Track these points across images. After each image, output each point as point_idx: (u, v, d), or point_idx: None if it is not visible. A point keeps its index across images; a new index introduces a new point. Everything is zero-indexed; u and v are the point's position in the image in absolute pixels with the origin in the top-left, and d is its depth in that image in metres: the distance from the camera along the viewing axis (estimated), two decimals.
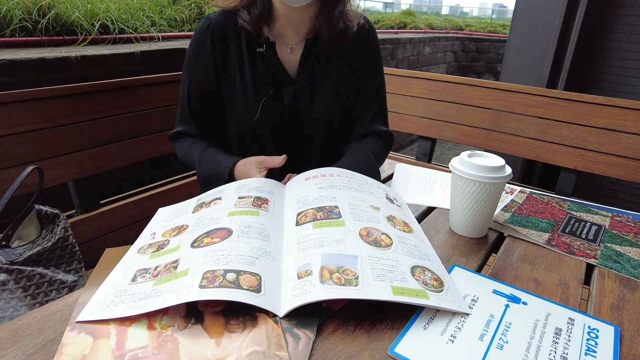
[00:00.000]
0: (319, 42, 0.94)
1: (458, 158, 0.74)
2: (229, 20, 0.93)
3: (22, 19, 1.74)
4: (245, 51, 0.93)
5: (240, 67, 0.94)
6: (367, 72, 1.00)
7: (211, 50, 0.93)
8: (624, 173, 1.43)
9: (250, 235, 0.58)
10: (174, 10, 2.39)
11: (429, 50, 4.44)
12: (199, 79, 0.96)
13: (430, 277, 0.56)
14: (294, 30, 0.94)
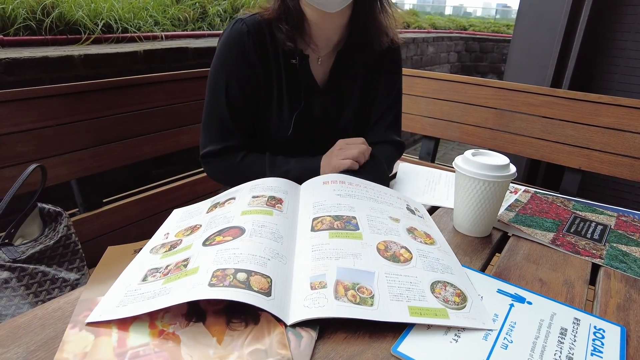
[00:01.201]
0: (349, 54, 0.94)
1: (462, 157, 0.73)
2: (264, 26, 0.88)
3: (26, 18, 1.74)
4: (282, 60, 0.89)
5: (277, 76, 0.90)
6: (387, 80, 1.00)
7: (254, 53, 0.87)
8: (630, 173, 1.42)
9: (263, 235, 0.57)
10: (177, 9, 2.39)
11: (432, 50, 4.43)
12: (243, 82, 0.88)
13: (452, 293, 0.54)
14: (325, 40, 0.92)
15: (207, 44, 1.95)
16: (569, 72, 1.98)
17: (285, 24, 0.87)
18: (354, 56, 0.95)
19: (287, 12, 0.87)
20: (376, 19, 0.93)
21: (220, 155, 0.93)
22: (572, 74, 1.98)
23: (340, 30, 0.93)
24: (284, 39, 0.87)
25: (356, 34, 0.94)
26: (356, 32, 0.94)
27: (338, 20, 0.90)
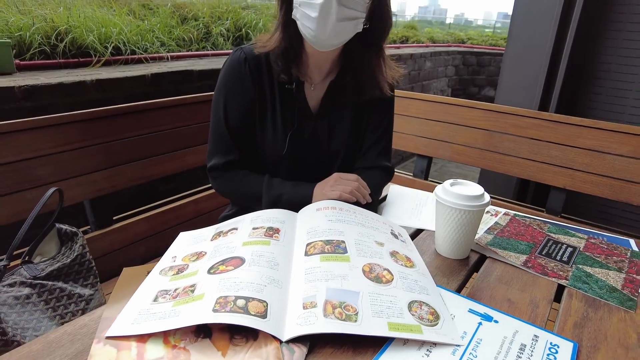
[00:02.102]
0: (340, 85, 1.03)
1: (442, 186, 0.81)
2: (261, 54, 0.99)
3: (41, 43, 1.85)
4: (276, 85, 1.00)
5: (272, 100, 1.01)
6: (379, 109, 1.09)
7: (250, 80, 0.99)
8: (610, 192, 1.49)
9: (260, 264, 0.66)
10: (182, 30, 2.50)
11: (430, 64, 4.54)
12: (239, 104, 1.00)
13: (427, 312, 0.62)
14: (318, 70, 1.02)
15: (211, 66, 2.05)
16: (556, 93, 2.07)
17: (282, 58, 0.97)
18: (345, 87, 1.04)
19: (287, 42, 0.96)
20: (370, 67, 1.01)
21: (225, 171, 1.04)
22: (559, 95, 2.07)
23: (332, 62, 1.03)
24: (279, 72, 0.98)
25: (347, 70, 1.03)
26: (347, 68, 1.03)
27: (330, 54, 1.00)
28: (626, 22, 2.04)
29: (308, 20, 0.87)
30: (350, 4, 0.86)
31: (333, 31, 0.87)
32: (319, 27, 0.87)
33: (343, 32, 0.90)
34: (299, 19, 0.90)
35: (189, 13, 2.70)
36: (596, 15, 2.11)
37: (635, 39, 2.03)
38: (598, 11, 2.10)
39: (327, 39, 0.89)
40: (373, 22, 0.95)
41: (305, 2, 0.86)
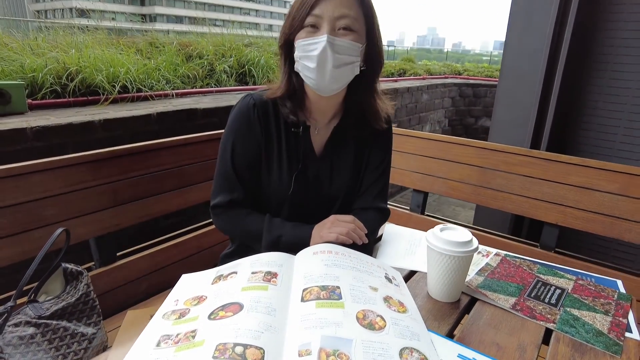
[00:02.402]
0: (343, 129, 1.10)
1: (432, 232, 0.86)
2: (269, 100, 1.07)
3: (53, 83, 1.93)
4: (282, 129, 1.06)
5: (278, 143, 1.07)
6: (378, 151, 1.15)
7: (258, 124, 1.05)
8: (601, 229, 1.53)
9: (258, 310, 0.69)
10: (187, 68, 2.60)
11: (426, 97, 4.66)
12: (246, 147, 1.05)
13: (417, 358, 0.65)
14: (322, 114, 1.09)
15: (215, 104, 2.13)
16: (547, 131, 2.14)
17: (289, 101, 1.05)
18: (347, 132, 1.11)
19: (292, 91, 1.05)
20: (369, 103, 1.09)
21: (227, 209, 1.08)
22: (550, 133, 2.14)
23: (335, 107, 1.10)
24: (287, 113, 1.05)
25: (350, 112, 1.11)
26: (350, 110, 1.11)
27: (333, 100, 1.07)
28: (611, 62, 2.13)
29: (308, 71, 0.96)
30: (344, 51, 0.94)
31: (332, 78, 0.95)
32: (319, 76, 0.95)
33: (341, 77, 0.98)
34: (300, 70, 0.99)
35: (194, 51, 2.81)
36: (583, 54, 2.20)
37: (619, 78, 2.12)
38: (585, 51, 2.20)
39: (327, 85, 0.97)
40: (368, 64, 1.03)
41: (304, 55, 0.95)
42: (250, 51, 3.04)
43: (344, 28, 0.94)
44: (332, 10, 0.92)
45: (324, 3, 0.92)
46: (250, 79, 2.95)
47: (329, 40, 0.92)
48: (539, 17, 2.22)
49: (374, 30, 1.01)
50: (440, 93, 5.03)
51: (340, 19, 0.93)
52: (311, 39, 0.93)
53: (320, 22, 0.93)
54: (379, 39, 1.03)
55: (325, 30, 0.92)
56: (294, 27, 0.96)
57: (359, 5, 0.96)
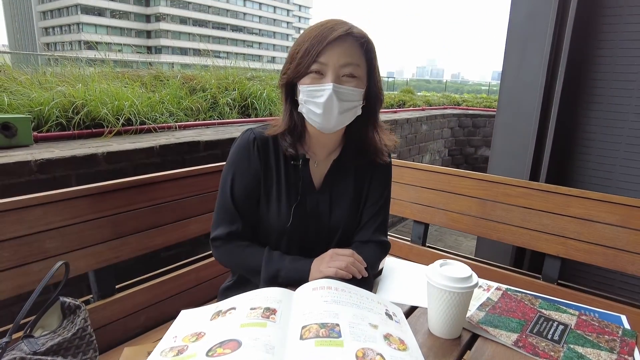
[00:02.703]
0: (342, 163, 1.12)
1: (431, 267, 0.86)
2: (269, 135, 1.09)
3: (58, 116, 1.97)
4: (282, 162, 1.09)
5: (277, 176, 1.09)
6: (377, 185, 1.16)
7: (257, 157, 1.07)
8: (604, 261, 1.52)
9: (257, 347, 0.68)
10: (190, 101, 2.66)
11: (426, 127, 4.73)
12: (246, 179, 1.08)
13: None
14: (321, 148, 1.12)
15: (217, 136, 2.17)
16: (546, 162, 2.16)
17: (289, 136, 1.08)
18: (346, 165, 1.13)
19: (294, 126, 1.08)
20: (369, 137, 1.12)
21: (226, 242, 1.09)
22: (549, 164, 2.15)
23: (335, 142, 1.13)
24: (287, 146, 1.08)
25: (350, 146, 1.13)
26: (350, 144, 1.13)
27: (333, 135, 1.09)
28: (606, 95, 2.17)
29: (314, 115, 1.00)
30: (348, 97, 0.98)
31: (337, 121, 1.00)
32: (324, 121, 0.99)
33: (345, 120, 1.03)
34: (305, 113, 1.02)
35: (198, 85, 2.88)
36: (578, 87, 2.25)
37: (615, 111, 2.16)
38: (579, 84, 2.25)
39: (332, 128, 1.02)
40: (368, 101, 1.07)
41: (310, 100, 0.99)
42: (252, 84, 3.11)
43: (347, 75, 0.98)
44: (337, 59, 0.96)
45: (330, 52, 0.96)
46: (253, 112, 3.01)
47: (335, 88, 0.95)
48: (534, 51, 2.28)
49: (374, 72, 1.05)
50: (439, 123, 5.10)
51: (344, 67, 0.97)
52: (317, 86, 0.97)
53: (325, 69, 0.97)
54: (378, 79, 1.07)
55: (330, 79, 0.96)
56: (299, 72, 0.99)
57: (362, 52, 1.00)
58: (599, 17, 2.20)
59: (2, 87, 2.16)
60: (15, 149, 1.74)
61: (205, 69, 3.52)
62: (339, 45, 0.96)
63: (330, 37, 0.95)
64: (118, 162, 1.74)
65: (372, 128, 1.12)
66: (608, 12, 2.17)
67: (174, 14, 66.50)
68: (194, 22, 69.20)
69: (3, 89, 2.12)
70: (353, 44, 0.98)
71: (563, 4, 2.18)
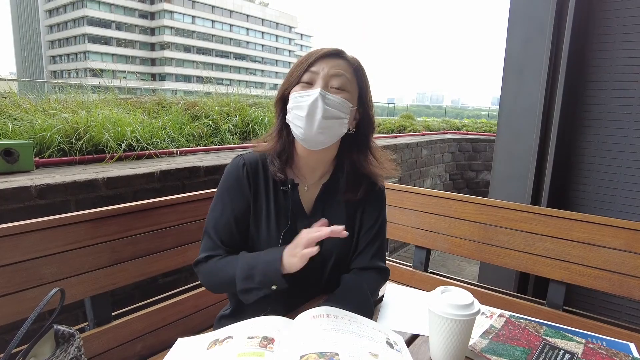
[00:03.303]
0: (333, 187, 1.11)
1: (433, 294, 0.84)
2: (259, 159, 1.10)
3: (61, 142, 1.99)
4: (271, 187, 1.09)
5: (266, 201, 1.08)
6: (371, 211, 1.14)
7: (247, 184, 1.07)
8: (609, 286, 1.49)
9: None
10: (192, 127, 2.68)
11: (426, 152, 4.75)
12: (234, 205, 1.07)
13: None
14: (311, 172, 1.11)
15: (217, 162, 2.17)
16: (546, 186, 2.15)
17: (277, 159, 1.07)
18: (337, 189, 1.12)
19: (282, 147, 1.08)
20: (362, 165, 1.11)
21: (204, 262, 1.08)
22: (550, 188, 2.15)
23: (325, 165, 1.12)
24: (275, 170, 1.07)
25: (341, 170, 1.12)
26: (341, 168, 1.12)
27: (322, 156, 1.09)
28: (604, 119, 2.19)
29: (298, 120, 0.99)
30: (334, 105, 0.99)
31: (319, 127, 0.98)
32: (307, 124, 0.98)
33: (329, 129, 1.00)
34: (291, 120, 1.02)
35: (200, 111, 2.92)
36: (576, 112, 2.27)
37: (613, 135, 2.17)
38: (577, 108, 2.27)
39: (314, 136, 0.99)
40: (361, 127, 1.08)
41: (296, 105, 0.99)
42: (254, 110, 3.16)
43: (336, 87, 0.99)
44: (328, 69, 0.99)
45: (321, 62, 0.99)
46: (254, 137, 3.03)
47: (322, 92, 0.97)
48: (531, 78, 2.31)
49: (366, 96, 1.06)
50: (439, 148, 5.13)
51: (333, 78, 0.99)
52: (305, 92, 0.99)
53: (316, 78, 0.99)
54: (370, 106, 1.08)
55: (319, 86, 0.98)
56: (290, 83, 1.02)
57: (353, 71, 1.03)
58: (593, 44, 2.24)
59: (7, 113, 2.19)
60: (16, 174, 1.75)
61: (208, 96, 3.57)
62: (330, 59, 1.01)
63: (323, 51, 1.01)
64: (118, 188, 1.74)
65: (364, 154, 1.11)
66: (601, 39, 2.22)
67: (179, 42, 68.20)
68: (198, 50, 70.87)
69: (7, 115, 2.15)
70: (344, 61, 1.02)
71: (557, 32, 2.22)
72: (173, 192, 1.90)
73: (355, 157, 1.11)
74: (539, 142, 2.19)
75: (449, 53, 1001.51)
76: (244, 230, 1.09)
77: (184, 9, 67.37)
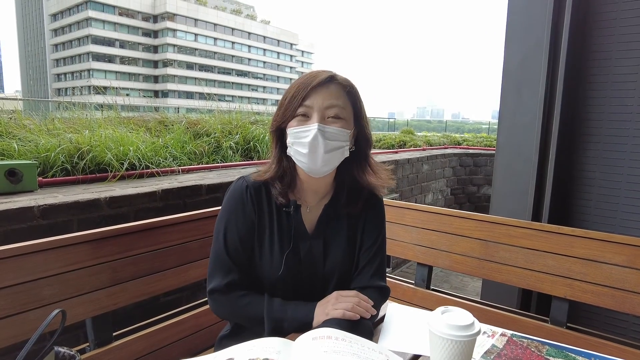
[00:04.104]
0: (334, 207, 1.13)
1: (433, 315, 0.84)
2: (261, 182, 1.11)
3: (64, 161, 2.01)
4: (274, 209, 1.10)
5: (270, 222, 1.09)
6: (371, 227, 1.16)
7: (251, 206, 1.08)
8: (613, 303, 1.48)
9: None
10: (194, 145, 2.71)
11: (427, 167, 4.77)
12: (239, 228, 1.08)
13: None
14: (313, 193, 1.13)
15: (219, 180, 2.19)
16: (547, 202, 2.15)
17: (279, 183, 1.09)
18: (338, 209, 1.14)
19: (283, 173, 1.09)
20: (360, 179, 1.13)
21: (224, 293, 1.07)
22: (550, 203, 2.15)
23: (326, 187, 1.14)
24: (277, 194, 1.09)
25: (341, 189, 1.14)
26: (341, 188, 1.14)
27: (324, 179, 1.11)
28: (603, 134, 2.20)
29: (300, 156, 1.02)
30: (334, 137, 1.01)
31: (323, 161, 1.01)
32: (311, 161, 1.01)
33: (332, 160, 1.04)
34: (293, 155, 1.05)
35: (202, 129, 2.95)
36: (574, 128, 2.28)
37: (613, 150, 2.18)
38: (575, 124, 2.29)
39: (319, 169, 1.03)
40: (357, 145, 1.10)
41: (297, 141, 1.01)
42: (256, 128, 3.19)
43: (332, 117, 1.01)
44: (322, 101, 1.00)
45: (314, 95, 1.00)
46: (255, 154, 3.06)
47: (320, 128, 0.99)
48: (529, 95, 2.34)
49: (361, 116, 1.08)
50: (440, 163, 5.14)
51: (328, 109, 1.01)
52: (303, 127, 1.00)
53: (311, 111, 1.01)
54: (366, 124, 1.10)
55: (315, 119, 1.00)
56: (286, 116, 1.03)
57: (345, 95, 1.05)
58: (589, 61, 2.27)
59: (12, 134, 2.22)
60: (20, 194, 1.76)
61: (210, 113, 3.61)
62: (323, 89, 1.01)
63: (314, 82, 1.01)
64: (120, 207, 1.76)
65: (362, 171, 1.14)
66: (597, 55, 2.25)
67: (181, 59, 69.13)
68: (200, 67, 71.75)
69: (12, 135, 2.18)
70: (337, 88, 1.04)
71: (554, 50, 2.26)
72: (175, 210, 1.92)
73: (355, 172, 1.13)
74: (538, 158, 2.20)
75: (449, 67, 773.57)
76: (250, 253, 1.10)
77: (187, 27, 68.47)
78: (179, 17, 67.25)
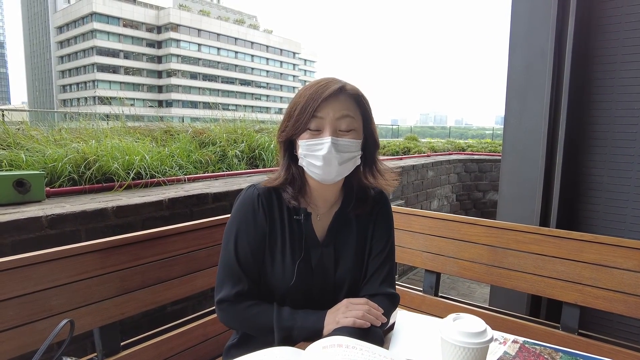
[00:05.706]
0: (344, 214, 1.13)
1: (444, 322, 0.83)
2: (272, 190, 1.11)
3: (71, 171, 2.02)
4: (286, 217, 1.09)
5: (282, 231, 1.09)
6: (380, 234, 1.15)
7: (263, 215, 1.07)
8: (625, 309, 1.46)
9: None
10: (200, 154, 2.72)
11: (432, 173, 4.76)
12: (250, 237, 1.07)
13: None
14: (323, 201, 1.13)
15: (225, 188, 2.19)
16: (555, 206, 2.14)
17: (290, 187, 1.09)
18: (348, 216, 1.13)
19: (292, 180, 1.09)
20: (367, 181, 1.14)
21: (233, 304, 1.06)
22: (558, 208, 2.14)
23: (336, 194, 1.14)
24: (289, 198, 1.08)
25: (349, 196, 1.14)
26: (350, 194, 1.14)
27: (334, 186, 1.11)
28: (610, 138, 2.19)
29: (314, 167, 1.02)
30: (346, 149, 1.01)
31: (337, 172, 1.02)
32: (325, 173, 1.01)
33: (345, 170, 1.05)
34: (305, 166, 1.04)
35: (207, 138, 2.96)
36: (581, 132, 2.27)
37: (621, 154, 2.16)
38: (582, 128, 2.27)
39: (333, 179, 1.03)
40: (365, 149, 1.10)
41: (310, 154, 1.01)
42: (260, 136, 3.20)
43: (345, 130, 1.01)
44: (333, 113, 1.00)
45: (326, 107, 1.00)
46: (261, 162, 3.06)
47: (333, 141, 0.98)
48: (534, 99, 2.33)
49: (369, 123, 1.09)
50: (445, 169, 5.13)
51: (340, 120, 1.01)
52: (316, 140, 1.00)
53: (323, 124, 1.00)
54: (374, 129, 1.11)
55: (328, 132, 0.99)
56: (297, 129, 1.02)
57: (356, 105, 1.05)
58: (594, 65, 2.26)
59: (20, 144, 2.24)
60: (28, 204, 1.77)
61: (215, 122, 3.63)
62: (334, 100, 1.00)
63: (325, 93, 0.99)
64: (127, 216, 1.76)
65: (371, 173, 1.14)
66: (602, 60, 2.24)
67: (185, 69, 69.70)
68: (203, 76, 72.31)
69: (20, 146, 2.20)
70: (347, 98, 1.03)
71: (558, 55, 2.25)
72: (181, 219, 1.92)
73: (363, 175, 1.13)
74: (545, 162, 2.19)
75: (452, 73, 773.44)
76: (261, 262, 1.09)
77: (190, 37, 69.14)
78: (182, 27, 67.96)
